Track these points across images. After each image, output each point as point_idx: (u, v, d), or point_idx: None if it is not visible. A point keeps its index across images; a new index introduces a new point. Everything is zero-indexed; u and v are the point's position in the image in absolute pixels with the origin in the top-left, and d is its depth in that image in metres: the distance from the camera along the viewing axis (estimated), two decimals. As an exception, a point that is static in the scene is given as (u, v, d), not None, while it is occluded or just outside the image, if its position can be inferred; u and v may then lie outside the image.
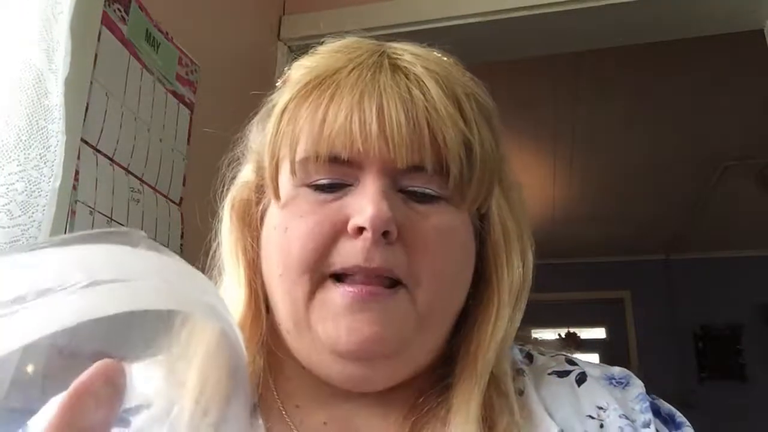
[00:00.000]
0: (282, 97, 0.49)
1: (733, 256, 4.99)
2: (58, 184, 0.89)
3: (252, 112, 0.56)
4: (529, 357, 0.54)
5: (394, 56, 0.48)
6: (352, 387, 0.47)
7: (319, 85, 0.46)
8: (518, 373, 0.50)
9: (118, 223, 1.12)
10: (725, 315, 4.95)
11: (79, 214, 1.03)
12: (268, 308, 0.50)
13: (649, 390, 0.51)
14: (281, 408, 0.49)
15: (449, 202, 0.46)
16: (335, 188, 0.45)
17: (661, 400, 0.50)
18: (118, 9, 1.18)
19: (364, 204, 0.43)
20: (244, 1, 1.76)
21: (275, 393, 0.50)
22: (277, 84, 0.54)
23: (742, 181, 3.80)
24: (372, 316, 0.43)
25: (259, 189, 0.52)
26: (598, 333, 5.49)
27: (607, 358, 5.21)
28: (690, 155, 3.56)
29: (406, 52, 0.49)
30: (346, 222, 0.44)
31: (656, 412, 0.48)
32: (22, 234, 0.85)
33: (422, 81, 0.46)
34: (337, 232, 0.44)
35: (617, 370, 0.52)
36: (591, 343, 5.40)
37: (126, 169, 1.17)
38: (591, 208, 4.34)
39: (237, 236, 0.51)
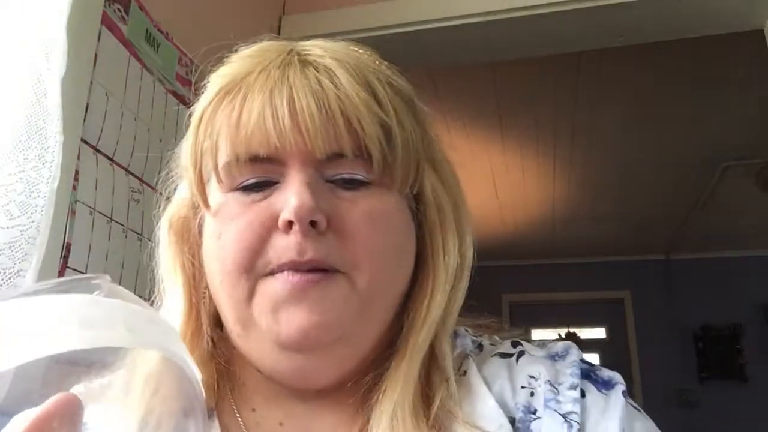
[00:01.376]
0: (197, 107, 0.49)
1: (733, 256, 5.00)
2: (56, 185, 0.89)
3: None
4: (480, 347, 0.54)
5: (303, 53, 0.48)
6: (303, 381, 0.47)
7: (230, 90, 0.47)
8: (465, 358, 0.51)
9: (118, 223, 1.12)
10: (725, 315, 4.96)
11: (79, 214, 1.03)
12: (219, 322, 0.50)
13: (650, 390, 0.51)
14: (236, 413, 0.49)
15: (378, 186, 0.47)
16: (262, 187, 0.46)
17: (603, 369, 0.50)
18: (118, 9, 1.18)
19: (289, 196, 0.43)
20: (244, 1, 1.76)
21: (232, 400, 0.50)
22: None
23: (742, 181, 3.80)
24: (311, 304, 0.43)
25: (196, 204, 0.51)
26: (598, 333, 5.49)
27: (607, 358, 5.21)
28: (690, 155, 3.56)
29: (316, 47, 0.49)
30: (275, 219, 0.44)
31: (588, 376, 0.49)
32: (21, 235, 0.85)
33: (332, 71, 0.46)
34: (268, 230, 0.45)
35: (561, 346, 0.52)
36: (591, 343, 5.40)
37: (126, 169, 1.17)
38: (591, 208, 4.34)
39: (175, 253, 0.51)
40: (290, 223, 0.43)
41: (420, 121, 0.51)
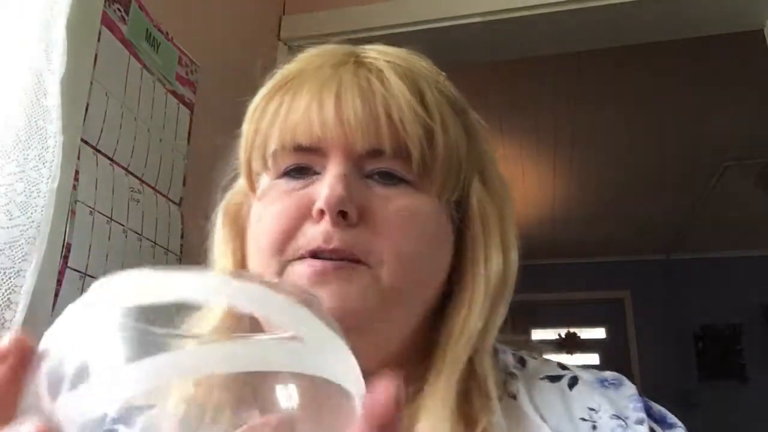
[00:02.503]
0: (254, 100, 0.52)
1: (733, 256, 4.99)
2: (56, 185, 0.89)
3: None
4: (522, 361, 0.54)
5: (362, 55, 0.51)
6: None
7: (285, 84, 0.49)
8: (510, 376, 0.51)
9: (118, 223, 1.12)
10: (725, 315, 4.96)
11: (79, 214, 1.03)
12: None
13: (650, 390, 0.51)
14: None
15: (415, 187, 0.47)
16: (304, 174, 0.48)
17: (653, 402, 0.50)
18: (118, 9, 1.18)
19: (323, 187, 0.45)
20: (244, 1, 1.76)
21: None
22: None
23: (742, 181, 3.80)
24: (332, 289, 0.44)
25: (246, 192, 0.54)
26: (598, 333, 5.49)
27: (607, 358, 5.21)
28: (690, 155, 3.56)
29: (373, 51, 0.51)
30: (310, 207, 0.45)
31: (648, 412, 0.48)
32: (21, 235, 0.85)
33: (383, 72, 0.48)
34: (302, 217, 0.46)
35: (609, 374, 0.52)
36: (591, 343, 5.40)
37: (126, 169, 1.17)
38: (591, 208, 4.34)
39: (225, 237, 0.54)
40: (322, 212, 0.44)
41: (469, 130, 0.52)
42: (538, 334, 5.40)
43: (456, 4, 1.78)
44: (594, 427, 0.46)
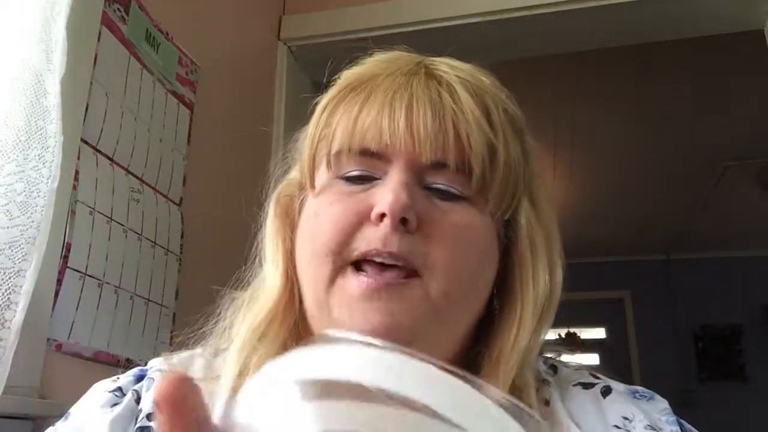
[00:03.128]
0: (324, 98, 0.53)
1: (733, 256, 4.99)
2: (56, 185, 0.89)
3: (252, 113, 0.58)
4: (554, 368, 0.55)
5: (431, 66, 0.52)
6: None
7: (356, 87, 0.51)
8: (543, 383, 0.52)
9: (118, 223, 1.12)
10: (725, 315, 4.96)
11: (79, 214, 1.03)
12: (302, 299, 0.52)
13: (649, 390, 0.52)
14: None
15: (471, 203, 0.49)
16: (364, 180, 0.49)
17: (684, 422, 0.51)
18: (118, 9, 1.18)
19: (386, 192, 0.46)
20: (244, 1, 1.76)
21: None
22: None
23: (742, 181, 3.80)
24: (383, 305, 0.45)
25: (301, 186, 0.55)
26: (598, 333, 5.49)
27: (607, 358, 5.21)
28: (690, 155, 3.56)
29: (443, 64, 0.52)
30: (370, 210, 0.46)
31: (682, 428, 0.49)
32: (21, 235, 0.85)
33: (453, 87, 0.49)
34: (361, 220, 0.47)
35: (640, 388, 0.53)
36: (591, 343, 5.40)
37: (126, 169, 1.16)
38: (591, 208, 4.34)
39: (278, 227, 0.55)
40: (382, 216, 0.45)
41: (526, 152, 0.53)
42: (538, 334, 5.40)
43: (456, 4, 1.78)
44: None
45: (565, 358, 0.59)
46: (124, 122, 1.17)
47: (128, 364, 1.12)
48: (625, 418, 0.48)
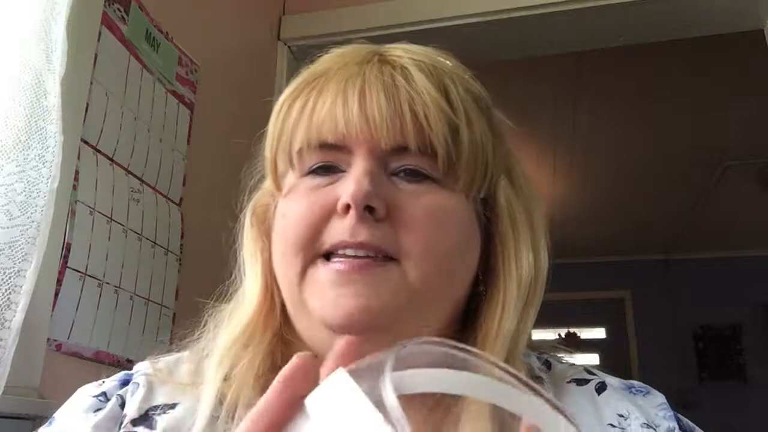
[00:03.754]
0: (281, 98, 0.52)
1: (733, 256, 4.99)
2: (56, 185, 0.89)
3: (252, 113, 0.57)
4: (547, 364, 0.53)
5: (385, 53, 0.51)
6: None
7: (310, 83, 0.50)
8: (537, 380, 0.50)
9: (118, 223, 1.12)
10: (725, 315, 4.95)
11: (79, 214, 1.03)
12: (284, 304, 0.52)
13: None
14: None
15: (441, 184, 0.47)
16: (329, 172, 0.48)
17: (682, 416, 0.50)
18: (118, 9, 1.18)
19: (349, 183, 0.45)
20: (244, 1, 1.76)
21: None
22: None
23: (742, 181, 3.80)
24: (357, 288, 0.44)
25: (273, 191, 0.54)
26: (598, 333, 5.49)
27: (607, 358, 5.21)
28: (690, 155, 3.56)
29: (398, 49, 0.51)
30: (336, 203, 0.45)
31: (678, 423, 0.48)
32: (21, 235, 0.85)
33: (407, 69, 0.48)
34: (328, 213, 0.46)
35: (636, 382, 0.52)
36: (591, 343, 5.40)
37: (126, 169, 1.16)
38: (591, 208, 4.34)
39: (255, 237, 0.54)
40: (348, 207, 0.44)
41: (494, 128, 0.52)
42: (538, 334, 5.40)
43: (456, 4, 1.78)
44: None
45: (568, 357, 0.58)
46: (124, 122, 1.17)
47: (128, 364, 1.12)
48: (621, 416, 0.47)
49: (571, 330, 5.45)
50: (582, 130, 3.35)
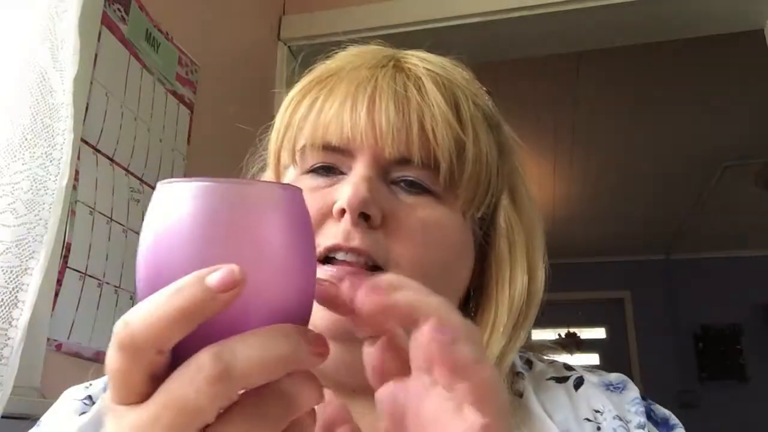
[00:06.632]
0: (290, 92, 0.52)
1: (733, 256, 4.99)
2: (64, 182, 0.89)
3: (251, 113, 0.57)
4: (529, 363, 0.54)
5: (401, 59, 0.50)
6: (338, 372, 0.46)
7: (321, 80, 0.49)
8: (517, 376, 0.51)
9: (118, 223, 1.12)
10: (725, 315, 4.95)
11: (78, 214, 1.03)
12: None
13: (650, 390, 0.52)
14: None
15: (441, 200, 0.47)
16: (329, 173, 0.48)
17: (656, 405, 0.51)
18: (118, 9, 1.18)
19: (346, 187, 0.45)
20: (244, 1, 1.76)
21: None
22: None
23: (742, 181, 3.80)
24: None
25: None
26: (598, 333, 5.49)
27: (607, 358, 5.21)
28: (690, 155, 3.56)
29: (414, 57, 0.51)
30: (332, 206, 0.45)
31: (649, 415, 0.49)
32: (28, 233, 0.85)
33: (421, 80, 0.48)
34: (324, 216, 0.46)
35: (614, 376, 0.52)
36: (591, 343, 5.40)
37: (126, 169, 1.17)
38: (591, 208, 4.34)
39: None
40: (343, 212, 0.44)
41: (501, 146, 0.51)
42: (538, 334, 5.40)
43: (456, 4, 1.78)
44: (598, 429, 0.47)
45: (565, 358, 0.58)
46: (124, 122, 1.17)
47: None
48: (597, 411, 0.48)
49: (571, 330, 5.45)
50: (582, 130, 3.35)
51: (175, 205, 0.27)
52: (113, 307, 1.10)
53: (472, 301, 0.51)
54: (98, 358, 1.06)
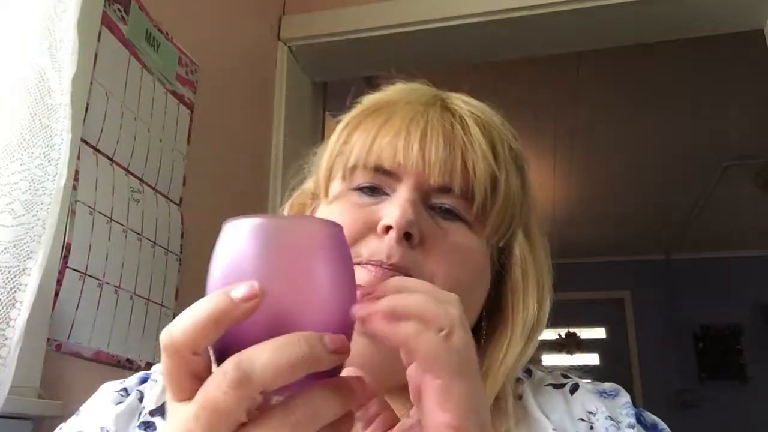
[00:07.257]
0: (346, 117, 0.58)
1: (733, 256, 4.99)
2: (63, 182, 0.89)
3: (251, 113, 0.60)
4: (528, 372, 0.59)
5: (447, 99, 0.57)
6: (371, 369, 0.47)
7: (377, 110, 0.56)
8: (517, 382, 0.56)
9: (118, 223, 1.12)
10: (725, 315, 4.96)
11: (78, 214, 1.03)
12: None
13: (650, 390, 0.54)
14: None
15: (470, 227, 0.53)
16: (375, 193, 0.53)
17: (646, 411, 0.56)
18: (118, 9, 1.18)
19: (394, 207, 0.50)
20: (244, 1, 1.76)
21: None
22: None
23: (742, 181, 3.80)
24: None
25: (314, 195, 0.61)
26: (598, 333, 5.49)
27: (607, 358, 5.21)
28: (690, 155, 3.56)
29: (458, 99, 0.58)
30: (377, 222, 0.50)
31: (639, 420, 0.54)
32: (26, 233, 0.85)
33: (465, 120, 0.55)
34: (367, 230, 0.51)
35: (608, 385, 0.58)
36: (591, 343, 5.40)
37: (126, 169, 1.17)
38: (591, 208, 4.34)
39: None
40: (388, 229, 0.49)
41: (525, 187, 0.58)
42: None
43: (456, 4, 1.78)
44: (591, 428, 0.52)
45: (565, 358, 0.63)
46: (124, 122, 1.17)
47: (128, 364, 1.12)
48: (590, 412, 0.53)
49: (571, 330, 5.46)
50: (582, 130, 3.35)
51: (236, 242, 0.33)
52: (113, 307, 1.10)
53: (485, 320, 0.56)
54: (98, 358, 1.06)
